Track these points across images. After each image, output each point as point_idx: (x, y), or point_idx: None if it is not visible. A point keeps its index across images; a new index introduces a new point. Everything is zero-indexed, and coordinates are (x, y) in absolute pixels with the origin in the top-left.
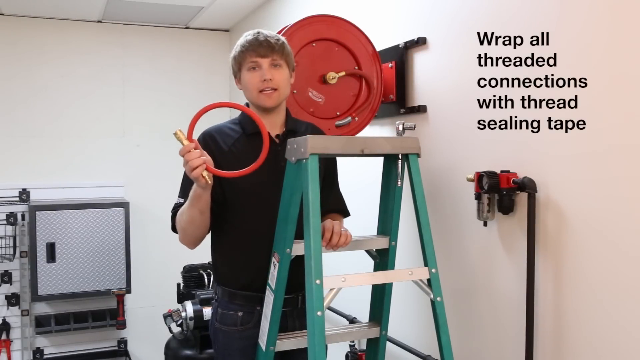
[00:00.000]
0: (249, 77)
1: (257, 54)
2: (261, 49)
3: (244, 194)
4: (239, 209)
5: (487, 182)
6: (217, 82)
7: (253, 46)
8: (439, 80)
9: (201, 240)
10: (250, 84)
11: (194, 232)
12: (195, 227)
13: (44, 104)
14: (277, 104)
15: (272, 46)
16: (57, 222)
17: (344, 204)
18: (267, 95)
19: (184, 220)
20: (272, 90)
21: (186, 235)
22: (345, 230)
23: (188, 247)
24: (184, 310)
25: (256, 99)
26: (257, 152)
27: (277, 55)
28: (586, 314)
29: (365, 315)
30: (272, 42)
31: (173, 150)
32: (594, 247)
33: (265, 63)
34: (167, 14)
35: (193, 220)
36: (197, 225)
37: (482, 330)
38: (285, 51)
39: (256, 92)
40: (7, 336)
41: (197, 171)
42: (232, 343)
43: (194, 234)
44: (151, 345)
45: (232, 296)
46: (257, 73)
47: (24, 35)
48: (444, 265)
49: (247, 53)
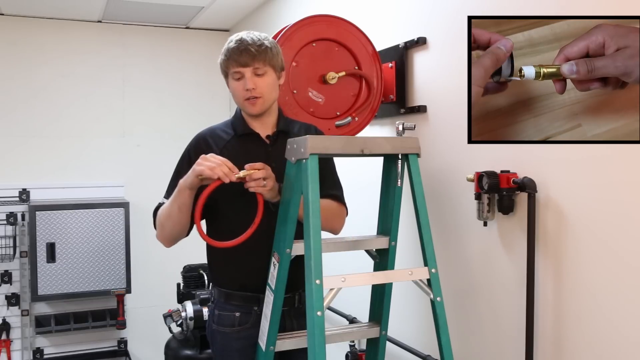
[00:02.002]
0: (234, 86)
1: (238, 63)
2: (242, 59)
3: (236, 196)
4: (232, 212)
5: (487, 182)
6: (217, 82)
7: (234, 55)
8: (439, 80)
9: (177, 240)
10: (235, 92)
11: (171, 229)
12: (172, 223)
13: (44, 104)
14: (262, 110)
15: (253, 54)
16: (57, 222)
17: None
18: (251, 103)
19: (163, 215)
20: (255, 98)
21: (163, 231)
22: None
23: (164, 244)
24: (184, 310)
25: (242, 107)
26: (249, 154)
27: (260, 63)
28: (586, 314)
29: (365, 315)
30: (252, 51)
31: (173, 150)
32: (594, 247)
33: (248, 72)
34: (167, 14)
35: (171, 216)
36: (175, 221)
37: (482, 330)
38: (268, 56)
39: (241, 100)
40: (7, 336)
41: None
42: (230, 344)
43: (171, 231)
44: (151, 345)
45: (228, 297)
46: (241, 82)
47: (24, 35)
48: (444, 265)
49: (229, 62)
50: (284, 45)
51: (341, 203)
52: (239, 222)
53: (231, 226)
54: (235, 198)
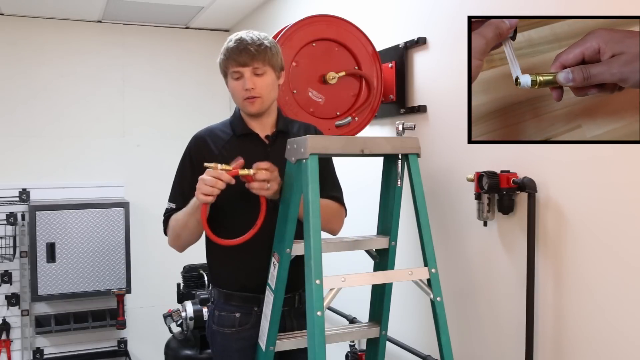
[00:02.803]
0: (233, 85)
1: (237, 63)
2: (241, 58)
3: (236, 196)
4: (231, 212)
5: (487, 182)
6: (217, 82)
7: (234, 55)
8: (439, 80)
9: (189, 246)
10: (234, 93)
11: (187, 237)
12: (189, 232)
13: (44, 104)
14: (262, 110)
15: (253, 54)
16: (57, 222)
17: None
18: (250, 103)
19: (179, 226)
20: (254, 98)
21: (179, 240)
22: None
23: (177, 250)
24: (184, 310)
25: (241, 106)
26: (248, 154)
27: (259, 63)
28: (586, 314)
29: (365, 315)
30: (252, 50)
31: (173, 150)
32: (594, 247)
33: (247, 72)
34: (167, 14)
35: (188, 227)
36: (192, 231)
37: (482, 330)
38: (267, 56)
39: (240, 100)
40: (7, 336)
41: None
42: (230, 344)
43: (188, 239)
44: (151, 345)
45: (228, 298)
46: (240, 82)
47: (24, 35)
48: (444, 265)
49: (228, 62)
50: (284, 45)
51: (341, 204)
52: (240, 222)
53: (233, 227)
54: (237, 198)
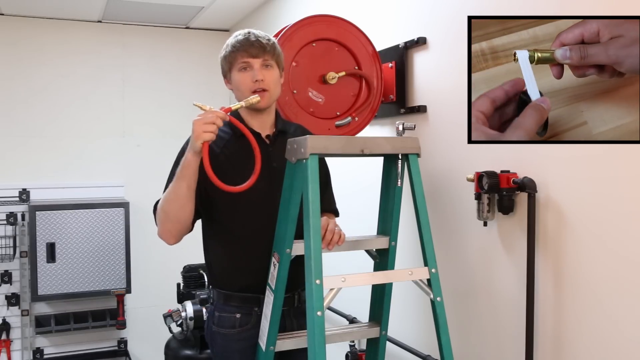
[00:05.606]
0: (240, 77)
1: (248, 54)
2: (252, 49)
3: (235, 195)
4: (231, 211)
5: (487, 182)
6: (217, 82)
7: (244, 46)
8: (439, 80)
9: (182, 235)
10: (242, 84)
11: (176, 213)
12: (179, 206)
13: (44, 104)
14: (269, 105)
15: (264, 46)
16: (57, 222)
17: (335, 204)
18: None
19: (166, 200)
20: (263, 90)
21: (168, 219)
22: (339, 229)
23: (168, 239)
24: (184, 310)
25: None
26: (248, 153)
27: (269, 56)
28: (586, 314)
29: (365, 315)
30: (263, 43)
31: (173, 150)
32: (594, 246)
33: (257, 63)
34: (167, 14)
35: (178, 196)
36: (182, 203)
37: (482, 330)
38: (276, 52)
39: (248, 92)
40: (7, 336)
41: (205, 136)
42: (231, 345)
43: (177, 217)
44: (151, 345)
45: (228, 298)
46: (249, 73)
47: (24, 35)
48: (444, 265)
49: (238, 53)
50: (284, 45)
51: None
52: (240, 222)
53: (234, 227)
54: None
